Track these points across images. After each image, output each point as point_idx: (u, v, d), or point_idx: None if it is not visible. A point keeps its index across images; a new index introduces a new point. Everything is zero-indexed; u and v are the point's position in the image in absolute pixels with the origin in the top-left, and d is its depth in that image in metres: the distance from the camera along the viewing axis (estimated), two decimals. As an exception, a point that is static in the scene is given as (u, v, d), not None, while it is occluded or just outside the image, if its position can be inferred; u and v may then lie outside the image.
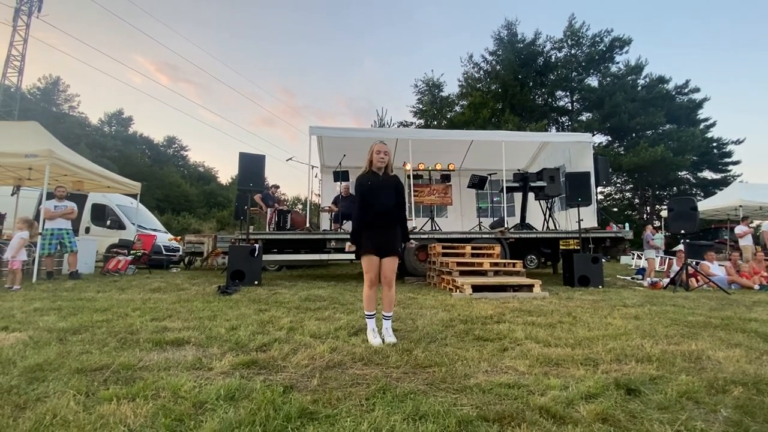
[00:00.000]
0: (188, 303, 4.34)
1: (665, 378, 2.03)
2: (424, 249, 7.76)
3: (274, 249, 7.91)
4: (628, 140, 26.21)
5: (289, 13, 68.25)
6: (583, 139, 9.14)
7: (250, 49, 69.81)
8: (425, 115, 29.17)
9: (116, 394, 1.71)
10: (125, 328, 3.04)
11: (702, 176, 26.55)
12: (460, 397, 1.78)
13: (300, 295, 5.05)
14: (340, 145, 9.24)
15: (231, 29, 67.13)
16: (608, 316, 3.81)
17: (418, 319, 3.63)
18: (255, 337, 2.80)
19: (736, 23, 45.42)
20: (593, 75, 28.01)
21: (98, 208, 10.74)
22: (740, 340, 2.86)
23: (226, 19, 66.66)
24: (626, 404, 1.70)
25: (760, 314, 4.03)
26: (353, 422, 1.50)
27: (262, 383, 1.88)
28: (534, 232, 8.21)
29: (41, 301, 4.24)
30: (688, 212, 6.70)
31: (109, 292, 5.19)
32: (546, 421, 1.54)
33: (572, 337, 2.91)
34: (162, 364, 2.17)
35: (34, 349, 2.39)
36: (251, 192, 7.17)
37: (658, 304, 4.74)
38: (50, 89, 36.35)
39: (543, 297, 5.23)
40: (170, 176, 36.43)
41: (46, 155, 6.57)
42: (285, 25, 68.15)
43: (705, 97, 25.93)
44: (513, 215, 10.44)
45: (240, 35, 68.09)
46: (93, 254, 8.48)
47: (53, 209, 6.82)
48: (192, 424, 1.47)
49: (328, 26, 68.10)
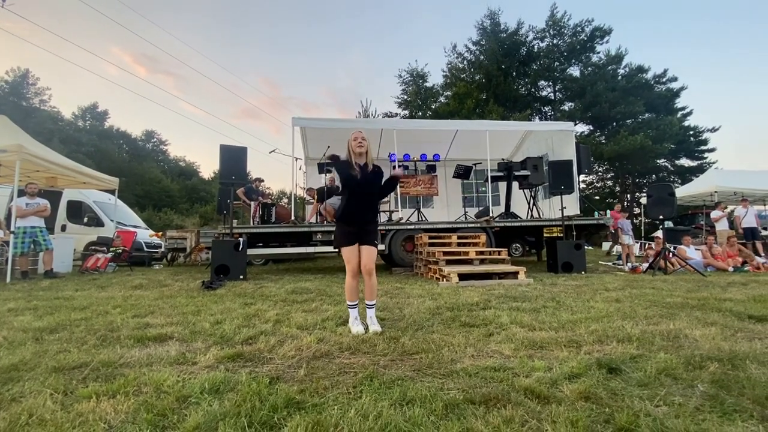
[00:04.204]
0: (171, 299, 4.26)
1: (645, 356, 2.08)
2: (411, 239, 7.78)
3: (260, 243, 7.82)
4: (609, 129, 26.70)
5: (271, 2, 66.72)
6: (565, 128, 9.26)
7: (231, 39, 68.09)
8: (410, 106, 29.12)
9: (96, 392, 1.66)
10: (105, 325, 2.96)
11: (679, 164, 27.32)
12: (447, 381, 1.80)
13: (286, 288, 5.01)
14: (324, 137, 9.11)
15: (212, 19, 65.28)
16: (590, 300, 3.90)
17: (405, 307, 3.64)
18: (240, 330, 2.76)
19: (711, 13, 46.52)
20: (575, 65, 28.33)
21: (74, 204, 10.40)
22: (716, 319, 2.96)
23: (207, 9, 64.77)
24: (608, 382, 1.74)
25: (734, 294, 4.19)
26: (341, 410, 1.49)
27: (247, 375, 1.86)
28: (518, 221, 8.32)
29: (15, 301, 4.09)
30: (666, 198, 6.88)
31: (88, 290, 5.04)
32: (531, 401, 1.56)
33: (556, 321, 2.97)
34: (144, 360, 2.12)
35: (8, 350, 2.30)
36: (234, 186, 7.04)
37: (638, 287, 4.88)
38: (19, 82, 34.71)
39: (527, 284, 5.32)
40: (150, 172, 35.47)
41: (15, 150, 6.30)
42: (268, 14, 66.66)
43: (682, 86, 26.59)
44: (498, 204, 10.56)
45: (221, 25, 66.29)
46: (70, 252, 8.22)
47: (25, 207, 6.57)
48: (175, 419, 1.44)
49: (312, 16, 66.89)
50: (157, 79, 60.39)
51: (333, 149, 9.01)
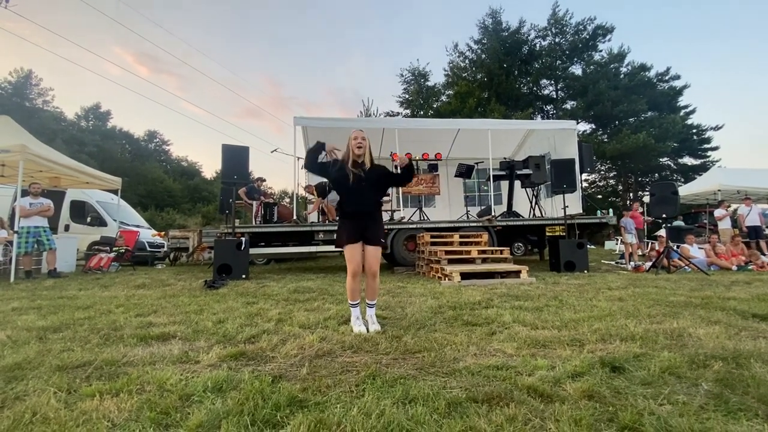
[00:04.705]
0: (174, 298, 4.27)
1: (648, 355, 2.07)
2: (413, 239, 7.78)
3: (262, 242, 7.83)
4: (612, 128, 26.61)
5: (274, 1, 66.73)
6: (567, 126, 9.23)
7: (233, 38, 68.17)
8: (411, 105, 29.10)
9: (99, 390, 1.66)
10: (108, 324, 2.97)
11: (682, 162, 27.19)
12: (450, 380, 1.80)
13: (289, 288, 5.01)
14: (326, 136, 8.94)
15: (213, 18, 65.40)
16: (593, 299, 3.89)
17: (407, 306, 3.64)
18: (243, 329, 2.76)
19: (714, 10, 46.23)
20: (577, 63, 28.27)
21: (77, 204, 10.45)
22: (720, 318, 2.94)
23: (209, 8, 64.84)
24: (611, 381, 1.73)
25: (738, 293, 4.17)
26: (343, 408, 1.49)
27: (250, 374, 1.86)
28: (520, 220, 8.29)
29: (19, 301, 4.11)
30: (669, 197, 6.85)
31: (92, 289, 5.06)
32: (534, 399, 1.56)
33: (558, 320, 2.96)
34: (147, 359, 2.12)
35: (12, 349, 2.31)
36: (236, 185, 7.05)
37: (641, 286, 4.86)
38: (22, 83, 34.85)
39: (530, 282, 5.31)
40: (152, 171, 35.56)
41: (19, 150, 6.33)
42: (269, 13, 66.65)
43: (685, 84, 26.47)
44: (500, 203, 10.53)
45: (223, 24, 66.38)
46: (74, 252, 8.26)
47: (29, 207, 6.60)
48: (178, 417, 1.44)
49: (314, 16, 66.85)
50: (159, 79, 60.44)
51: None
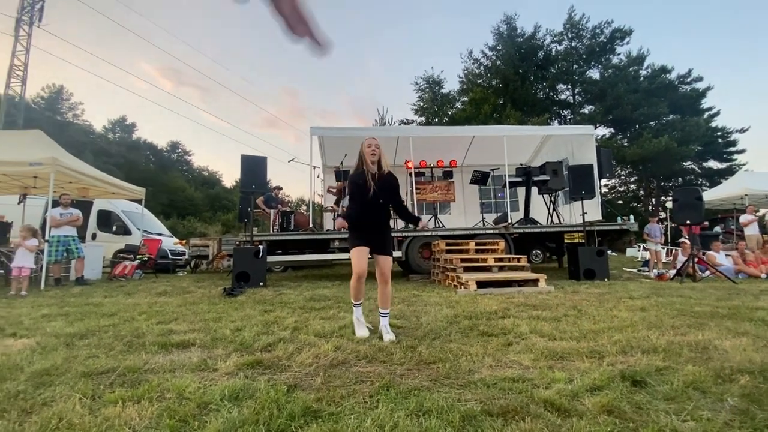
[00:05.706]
0: (194, 306, 4.37)
1: (671, 369, 2.01)
2: (428, 246, 7.75)
3: (279, 250, 7.93)
4: (632, 132, 26.03)
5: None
6: (585, 131, 9.08)
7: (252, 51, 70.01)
8: (426, 113, 29.16)
9: (122, 397, 1.72)
10: (131, 331, 3.06)
11: (707, 166, 26.34)
12: (464, 392, 1.78)
13: (305, 295, 5.06)
14: (341, 145, 9.23)
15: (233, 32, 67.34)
16: (614, 309, 3.79)
17: (422, 315, 3.63)
18: (260, 337, 2.81)
19: (737, 10, 44.87)
20: (594, 67, 27.86)
21: (104, 214, 10.84)
22: (747, 329, 2.83)
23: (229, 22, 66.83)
24: (632, 396, 1.69)
25: (767, 303, 3.99)
26: (357, 419, 1.50)
27: (266, 383, 1.89)
28: (538, 227, 8.16)
29: (49, 308, 4.28)
30: (693, 202, 6.63)
31: (116, 296, 5.23)
32: (551, 414, 1.53)
33: (577, 330, 2.89)
34: (167, 366, 2.18)
35: (41, 355, 2.41)
36: (254, 194, 7.20)
37: (665, 295, 4.70)
38: (54, 98, 36.66)
39: (548, 291, 5.21)
40: (175, 181, 36.65)
41: (50, 163, 6.63)
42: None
43: (708, 86, 25.75)
44: (516, 210, 10.39)
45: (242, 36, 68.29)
46: (100, 260, 8.56)
47: (59, 217, 6.89)
48: (196, 425, 1.48)
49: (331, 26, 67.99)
50: (182, 92, 62.52)
51: (350, 157, 9.15)
